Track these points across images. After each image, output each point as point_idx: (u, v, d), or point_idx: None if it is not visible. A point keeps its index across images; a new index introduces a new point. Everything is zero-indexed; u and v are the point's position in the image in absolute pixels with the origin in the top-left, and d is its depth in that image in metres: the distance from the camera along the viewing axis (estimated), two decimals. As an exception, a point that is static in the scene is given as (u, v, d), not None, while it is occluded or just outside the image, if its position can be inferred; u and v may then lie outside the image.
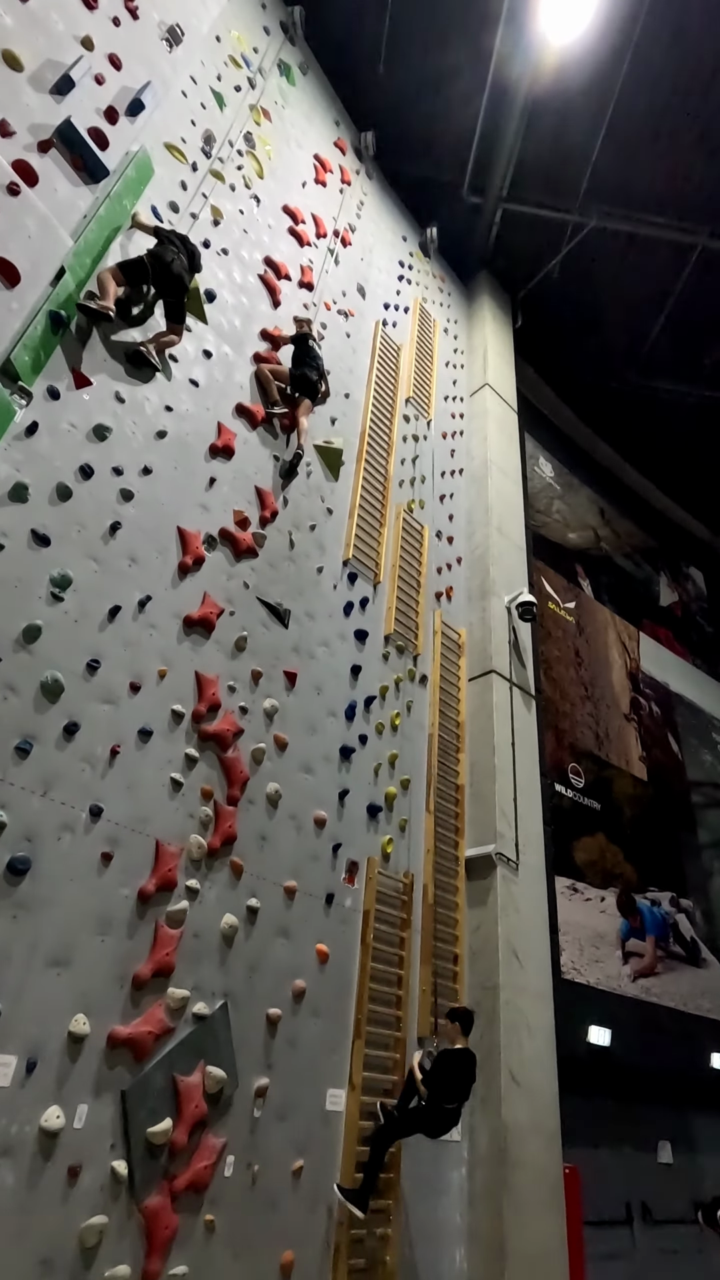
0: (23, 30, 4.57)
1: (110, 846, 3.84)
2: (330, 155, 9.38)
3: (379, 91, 10.89)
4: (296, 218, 7.92)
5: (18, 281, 3.84)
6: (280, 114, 8.45)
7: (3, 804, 3.44)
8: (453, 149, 11.57)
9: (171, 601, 4.76)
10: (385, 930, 5.31)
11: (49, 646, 3.89)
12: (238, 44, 7.95)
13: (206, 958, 4.07)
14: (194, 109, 6.74)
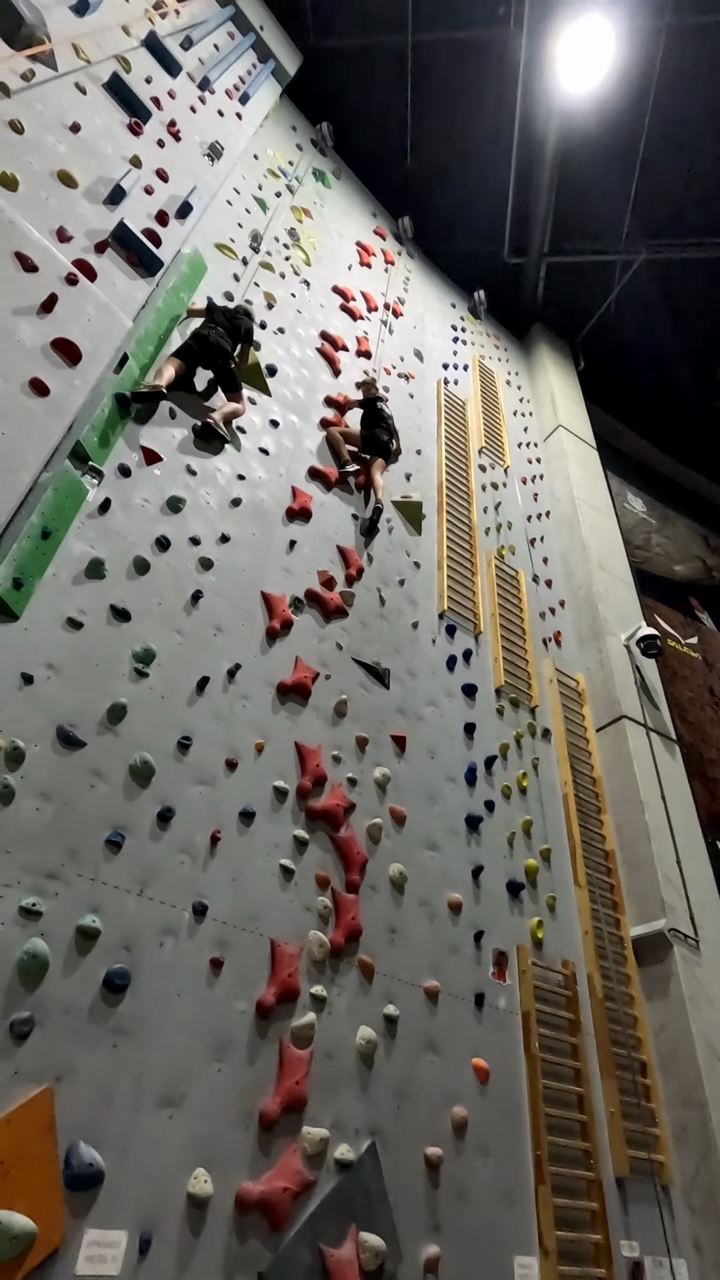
0: (75, 155, 4.86)
1: (219, 950, 3.29)
2: (371, 241, 9.70)
3: (410, 181, 11.41)
4: (346, 296, 8.07)
5: (79, 360, 3.80)
6: (320, 211, 8.85)
7: (95, 908, 2.99)
8: (488, 218, 11.85)
9: (262, 669, 4.38)
10: (551, 1036, 4.37)
11: (136, 726, 3.55)
12: (274, 159, 8.47)
13: (344, 1084, 3.35)
14: (239, 214, 7.07)
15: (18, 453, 3.28)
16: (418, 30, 10.48)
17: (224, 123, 7.08)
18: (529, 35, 10.17)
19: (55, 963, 2.78)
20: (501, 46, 10.42)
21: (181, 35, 7.13)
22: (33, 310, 3.70)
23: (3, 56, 4.54)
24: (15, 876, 2.83)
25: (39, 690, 3.27)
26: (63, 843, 3.03)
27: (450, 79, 10.83)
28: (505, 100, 10.77)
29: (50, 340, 3.70)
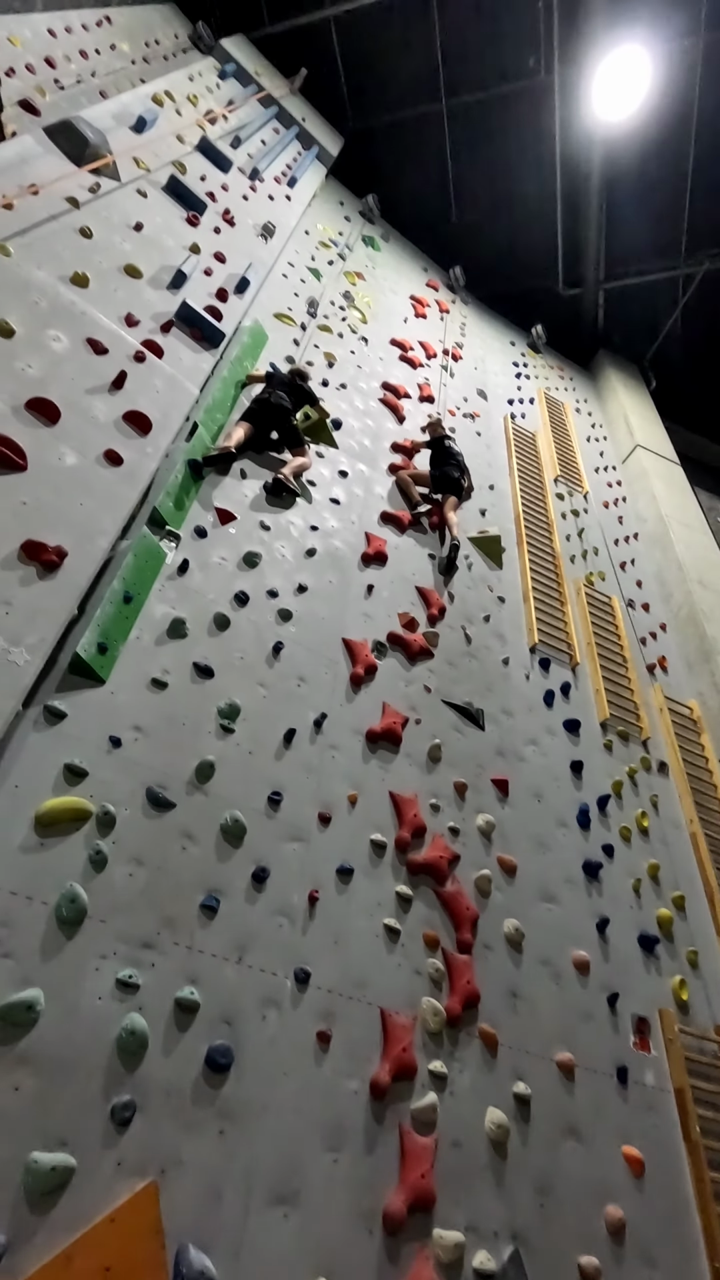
0: (139, 250, 5.21)
1: (325, 1022, 3.04)
2: (424, 294, 9.89)
3: (457, 233, 11.68)
4: (404, 346, 8.19)
5: (150, 429, 3.93)
6: (372, 273, 9.13)
7: (193, 978, 2.83)
8: (539, 255, 11.91)
9: (349, 717, 4.22)
10: (714, 1119, 3.77)
11: (225, 783, 3.45)
12: (324, 232, 8.87)
13: (477, 1178, 2.96)
14: (294, 285, 7.37)
15: (96, 521, 3.37)
16: (450, 97, 10.92)
17: (274, 205, 7.48)
18: (561, 79, 10.37)
19: (155, 1040, 2.63)
20: (535, 94, 10.66)
21: (231, 136, 7.67)
22: (104, 388, 3.88)
23: (71, 174, 4.96)
24: (111, 947, 2.73)
25: (127, 753, 3.24)
26: (157, 910, 2.92)
27: (487, 134, 11.14)
28: (544, 141, 10.95)
29: (122, 413, 3.85)
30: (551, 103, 10.63)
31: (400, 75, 10.83)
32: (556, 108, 10.59)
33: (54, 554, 3.02)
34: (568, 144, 10.82)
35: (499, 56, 10.53)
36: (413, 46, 10.57)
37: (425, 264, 10.83)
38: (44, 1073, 2.37)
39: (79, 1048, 2.48)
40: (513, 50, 10.47)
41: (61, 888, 2.73)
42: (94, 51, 7.09)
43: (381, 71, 10.86)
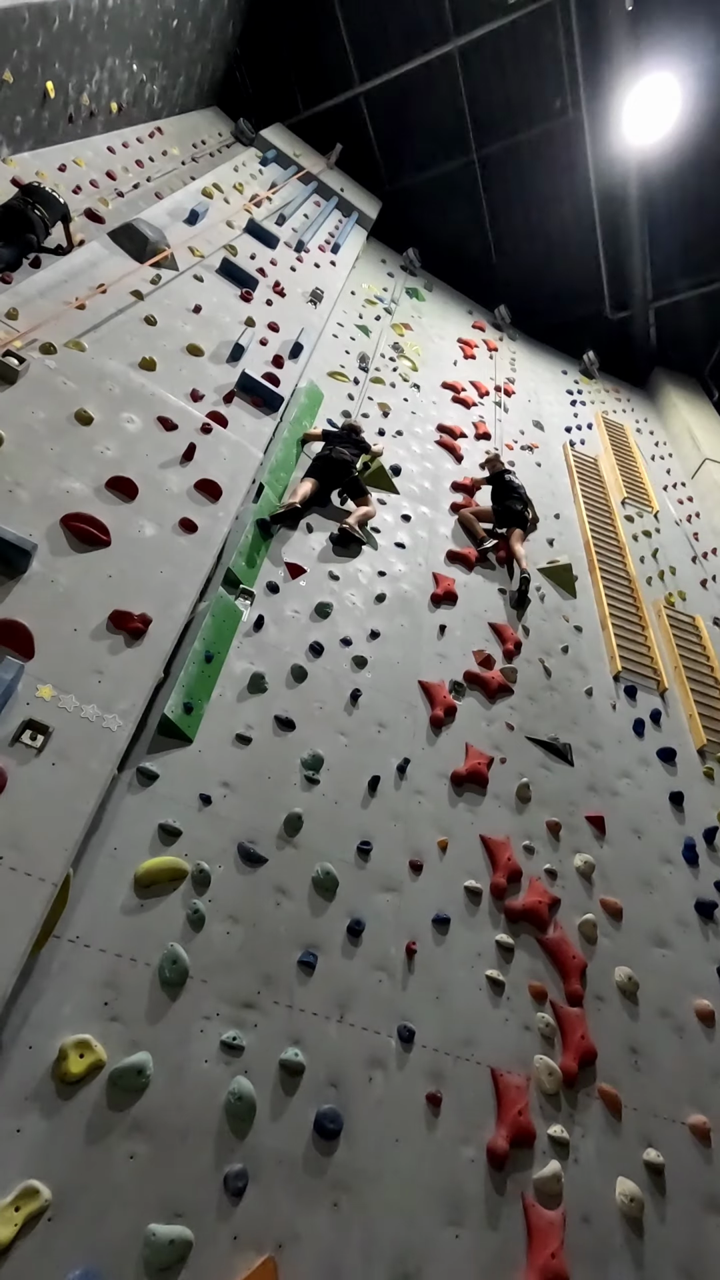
0: (199, 330, 5.54)
1: (434, 1084, 2.91)
2: (472, 335, 10.05)
3: (499, 274, 11.87)
4: (456, 388, 8.30)
5: (220, 495, 4.10)
6: (418, 322, 9.36)
7: (296, 1039, 2.79)
8: (583, 283, 11.93)
9: (433, 760, 4.17)
10: None
11: (313, 835, 3.44)
12: (369, 290, 9.20)
13: (613, 1258, 2.73)
14: (345, 344, 7.64)
15: (175, 587, 3.52)
16: (480, 147, 11.25)
17: (321, 272, 7.83)
18: (589, 113, 10.53)
19: (262, 1104, 2.59)
20: (564, 132, 10.85)
21: (275, 214, 8.14)
22: (176, 461, 4.10)
23: (135, 270, 5.37)
24: (214, 1008, 2.73)
25: (217, 809, 3.29)
26: (256, 967, 2.91)
27: (520, 175, 11.38)
28: (578, 174, 11.08)
29: (193, 483, 4.04)
30: (582, 137, 10.78)
31: (430, 134, 11.28)
32: (587, 141, 10.73)
33: (139, 622, 3.16)
34: (601, 173, 10.91)
35: (525, 103, 10.82)
36: (440, 107, 11.01)
37: (470, 307, 11.03)
38: (156, 1140, 2.37)
39: (189, 1113, 2.47)
40: (538, 95, 10.74)
41: (163, 948, 2.76)
42: (148, 159, 7.74)
43: (412, 133, 11.34)
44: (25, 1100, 2.25)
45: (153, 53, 7.74)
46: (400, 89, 10.91)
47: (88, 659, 2.97)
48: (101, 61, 6.76)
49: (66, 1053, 2.38)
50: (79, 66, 6.42)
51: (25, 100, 5.82)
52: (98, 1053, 2.43)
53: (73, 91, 6.47)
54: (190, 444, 4.16)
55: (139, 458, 3.93)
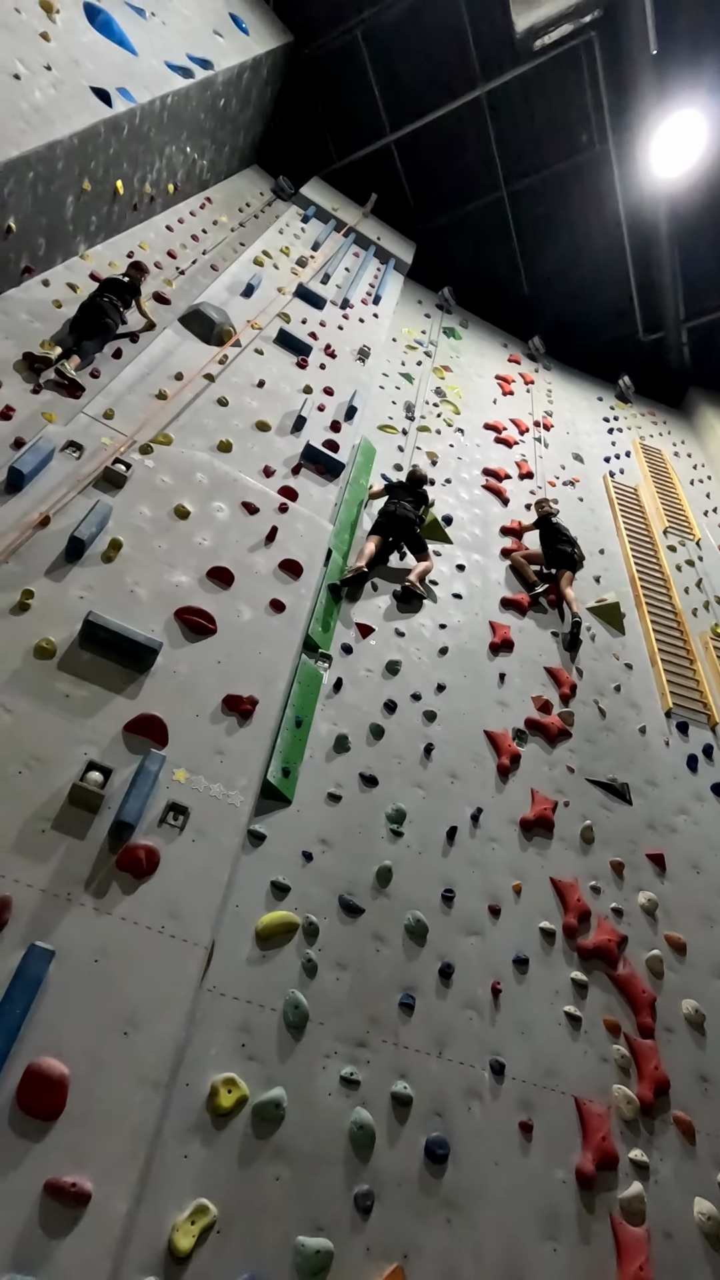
0: (265, 404, 6.02)
1: (526, 1113, 3.28)
2: (508, 370, 10.39)
3: (531, 304, 12.17)
4: (498, 428, 8.65)
5: (300, 573, 4.54)
6: (457, 362, 9.74)
7: (403, 1073, 3.18)
8: (614, 307, 12.17)
9: (503, 808, 4.53)
10: None
11: (403, 885, 3.84)
12: (409, 335, 9.61)
13: (695, 1271, 3.05)
14: (391, 393, 8.06)
15: (273, 665, 3.96)
16: (509, 184, 11.59)
17: (365, 327, 8.27)
18: (616, 145, 10.81)
19: (380, 1132, 2.98)
20: (592, 164, 11.14)
21: (320, 273, 8.61)
22: (261, 544, 4.55)
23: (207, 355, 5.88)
24: (332, 1047, 3.14)
25: (318, 865, 3.71)
26: (364, 1009, 3.31)
27: (549, 208, 11.68)
28: (606, 203, 11.35)
29: (277, 563, 4.49)
30: (610, 169, 11.05)
31: (460, 174, 11.66)
32: (615, 173, 11.00)
33: (248, 703, 3.60)
34: (630, 201, 11.16)
35: (553, 139, 11.14)
36: (468, 148, 11.39)
37: (505, 340, 11.36)
38: (296, 1164, 2.78)
39: (320, 1141, 2.88)
40: (565, 131, 11.05)
41: (285, 995, 3.18)
42: (201, 231, 8.29)
43: (442, 174, 11.74)
44: (188, 1131, 2.69)
45: (203, 132, 8.30)
46: (430, 134, 11.32)
47: (210, 741, 3.42)
48: (160, 152, 7.32)
49: (217, 1089, 2.81)
50: (143, 161, 6.98)
51: (99, 201, 6.38)
52: (242, 1089, 2.86)
53: (137, 183, 7.03)
54: (273, 527, 4.61)
55: (231, 545, 4.39)
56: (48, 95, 5.52)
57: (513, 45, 10.21)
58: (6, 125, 5.03)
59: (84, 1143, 2.22)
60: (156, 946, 2.71)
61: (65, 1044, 2.33)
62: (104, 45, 6.46)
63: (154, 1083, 2.42)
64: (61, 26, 6.11)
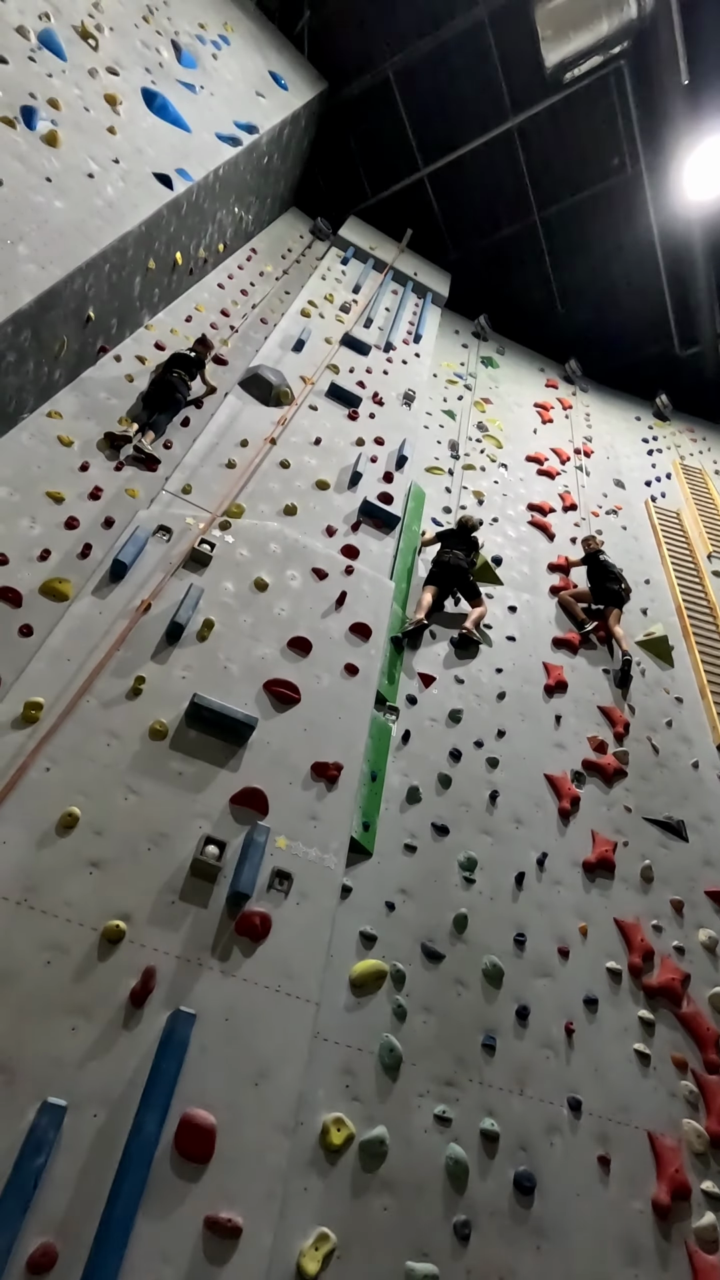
0: (322, 462, 6.37)
1: (603, 1147, 3.56)
2: (546, 396, 10.59)
3: (566, 326, 12.34)
4: (540, 460, 8.88)
5: (369, 635, 4.87)
6: (496, 392, 9.98)
7: (490, 1110, 3.50)
8: (651, 325, 12.25)
9: (566, 850, 4.80)
10: None
11: (478, 930, 4.15)
12: (448, 369, 9.89)
13: (767, 1297, 3.31)
14: (436, 432, 8.36)
15: (352, 729, 4.31)
16: (542, 209, 11.78)
17: (408, 369, 8.58)
18: (648, 167, 10.92)
19: (472, 1166, 3.30)
20: (624, 187, 11.26)
21: (363, 318, 8.94)
22: (332, 609, 4.90)
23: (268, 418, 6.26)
24: (424, 1086, 3.47)
25: (400, 914, 4.04)
26: (450, 1050, 3.63)
27: (581, 230, 11.84)
28: (640, 222, 11.45)
29: (348, 627, 4.83)
30: (642, 190, 11.17)
31: (492, 203, 11.89)
32: (648, 194, 11.11)
33: (334, 769, 3.95)
34: (663, 221, 11.25)
35: (584, 164, 11.30)
36: (500, 176, 11.61)
37: (541, 364, 11.56)
38: (400, 1196, 3.12)
39: (419, 1174, 3.21)
40: (595, 156, 11.20)
41: (380, 1039, 3.52)
42: (250, 284, 8.69)
43: (474, 204, 11.98)
44: (307, 1165, 3.04)
45: (249, 190, 8.70)
46: (462, 165, 11.57)
47: (304, 807, 3.78)
48: (213, 218, 7.73)
49: (328, 1128, 3.16)
50: (198, 230, 7.40)
51: (161, 274, 6.81)
52: (349, 1127, 3.20)
53: (192, 250, 7.45)
54: (342, 592, 4.96)
55: (305, 612, 4.75)
56: (118, 188, 5.96)
57: (543, 78, 10.40)
58: (85, 224, 5.48)
59: (232, 1182, 2.59)
60: (275, 1004, 3.07)
61: (209, 1096, 2.70)
62: (162, 128, 6.89)
63: (283, 1127, 2.79)
64: (125, 116, 6.56)
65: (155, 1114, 2.49)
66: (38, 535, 4.61)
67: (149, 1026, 2.78)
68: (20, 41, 5.94)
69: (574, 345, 12.00)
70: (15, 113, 5.52)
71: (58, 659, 3.66)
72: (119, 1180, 2.37)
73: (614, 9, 9.48)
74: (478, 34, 10.46)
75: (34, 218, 5.13)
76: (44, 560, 4.50)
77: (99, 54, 6.73)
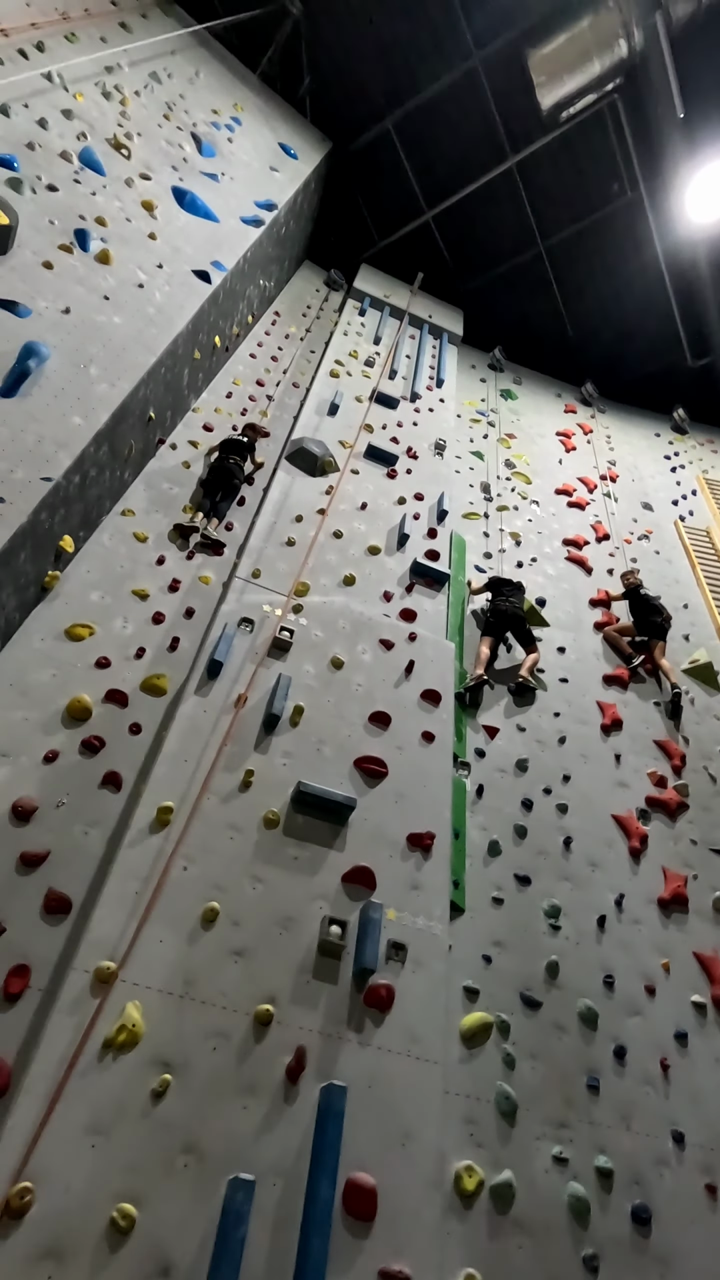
0: (371, 526, 6.75)
1: (709, 1176, 3.86)
2: (567, 423, 10.90)
3: (578, 346, 12.63)
4: (569, 491, 9.19)
5: (439, 700, 5.22)
6: (518, 425, 10.31)
7: (602, 1148, 3.82)
8: (662, 339, 12.49)
9: (640, 889, 5.10)
10: None
11: (569, 975, 4.47)
12: (470, 407, 10.24)
13: None
14: (467, 475, 8.71)
15: (436, 796, 4.65)
16: (545, 239, 12.11)
17: (436, 417, 8.94)
18: (648, 191, 11.21)
19: (592, 1201, 3.62)
20: (626, 211, 11.55)
21: (387, 370, 9.33)
22: (403, 678, 5.26)
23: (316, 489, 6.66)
24: (540, 1130, 3.80)
25: (497, 965, 4.38)
26: (559, 1093, 3.96)
27: (587, 256, 12.14)
28: (644, 242, 11.71)
29: (419, 694, 5.19)
30: (643, 212, 11.45)
31: (496, 237, 12.24)
32: (650, 215, 11.39)
33: (427, 839, 4.31)
34: (666, 238, 11.51)
35: (584, 194, 11.61)
36: (503, 213, 11.96)
37: (558, 389, 11.86)
38: (532, 1234, 3.45)
39: (546, 1213, 3.54)
40: (596, 184, 11.51)
41: (495, 1087, 3.86)
42: (278, 349, 9.13)
43: (479, 240, 12.33)
44: (446, 1211, 3.39)
45: (271, 260, 9.15)
46: (465, 206, 11.94)
47: (405, 878, 4.14)
48: (243, 295, 8.18)
49: (460, 1175, 3.51)
50: (230, 311, 7.85)
51: (204, 360, 7.26)
52: (479, 1173, 3.55)
53: (226, 330, 7.90)
54: (410, 660, 5.32)
55: (379, 684, 5.12)
56: (164, 293, 6.41)
57: (539, 118, 10.75)
58: (143, 334, 5.93)
59: (396, 1236, 2.94)
60: (407, 1068, 3.43)
61: (366, 1159, 3.06)
62: (194, 224, 7.36)
63: (433, 1183, 3.14)
64: (161, 219, 7.03)
65: (327, 1180, 2.86)
66: (131, 634, 5.05)
67: (306, 1100, 3.15)
68: (65, 166, 6.43)
69: (588, 367, 12.29)
70: (70, 238, 6.00)
71: (175, 761, 4.06)
72: (304, 1241, 2.74)
73: (604, 50, 9.82)
74: (472, 82, 10.84)
75: (99, 338, 5.59)
76: (139, 658, 4.93)
77: (131, 162, 7.22)
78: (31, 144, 6.22)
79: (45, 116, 6.49)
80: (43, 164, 6.23)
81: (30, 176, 6.00)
